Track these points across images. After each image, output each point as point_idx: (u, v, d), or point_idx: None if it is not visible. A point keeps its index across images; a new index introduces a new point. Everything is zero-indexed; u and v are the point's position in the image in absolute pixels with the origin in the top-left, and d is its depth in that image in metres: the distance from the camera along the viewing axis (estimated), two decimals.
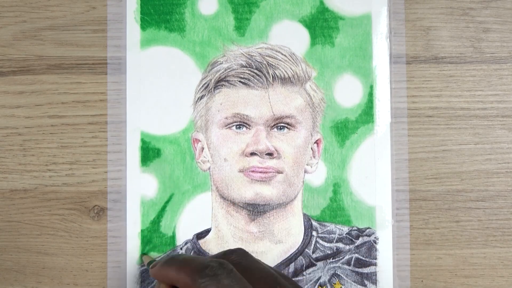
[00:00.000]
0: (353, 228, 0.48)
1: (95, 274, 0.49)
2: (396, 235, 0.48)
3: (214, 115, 0.48)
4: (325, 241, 0.48)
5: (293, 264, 0.48)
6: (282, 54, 0.48)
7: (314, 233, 0.49)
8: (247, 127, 0.48)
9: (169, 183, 0.49)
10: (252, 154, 0.48)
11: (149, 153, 0.49)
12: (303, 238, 0.49)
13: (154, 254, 0.48)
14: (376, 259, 0.48)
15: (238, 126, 0.48)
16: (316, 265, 0.48)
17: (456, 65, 0.49)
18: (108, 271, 0.49)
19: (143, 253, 0.48)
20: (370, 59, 0.49)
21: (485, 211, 0.48)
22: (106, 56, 0.49)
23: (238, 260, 0.39)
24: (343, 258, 0.48)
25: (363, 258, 0.48)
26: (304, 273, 0.48)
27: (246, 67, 0.48)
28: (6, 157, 0.49)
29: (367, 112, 0.49)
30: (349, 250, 0.48)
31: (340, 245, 0.48)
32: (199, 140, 0.49)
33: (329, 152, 0.49)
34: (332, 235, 0.48)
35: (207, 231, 0.49)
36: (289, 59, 0.48)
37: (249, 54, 0.48)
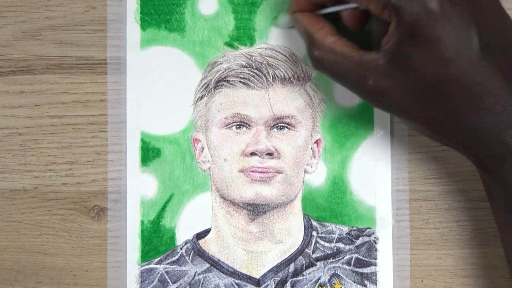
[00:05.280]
0: (353, 228, 0.48)
1: (95, 274, 0.49)
2: (396, 235, 0.48)
3: (214, 115, 0.48)
4: (325, 241, 0.48)
5: (293, 264, 0.48)
6: (282, 54, 0.48)
7: (314, 233, 0.49)
8: (247, 127, 0.48)
9: (169, 183, 0.49)
10: (252, 154, 0.48)
11: (149, 153, 0.49)
12: (303, 238, 0.49)
13: (154, 254, 0.48)
14: (376, 259, 0.48)
15: (238, 126, 0.48)
16: (316, 265, 0.48)
17: None
18: (108, 271, 0.49)
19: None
20: None
21: (485, 211, 0.48)
22: (106, 56, 0.49)
23: None
24: (343, 258, 0.48)
25: (363, 258, 0.48)
26: (304, 273, 0.48)
27: (246, 67, 0.48)
28: (6, 157, 0.49)
29: (367, 112, 0.49)
30: (349, 250, 0.48)
31: (340, 245, 0.48)
32: (199, 140, 0.49)
33: (329, 152, 0.49)
34: (332, 235, 0.48)
35: (207, 231, 0.49)
36: (289, 59, 0.48)
37: (249, 54, 0.48)
